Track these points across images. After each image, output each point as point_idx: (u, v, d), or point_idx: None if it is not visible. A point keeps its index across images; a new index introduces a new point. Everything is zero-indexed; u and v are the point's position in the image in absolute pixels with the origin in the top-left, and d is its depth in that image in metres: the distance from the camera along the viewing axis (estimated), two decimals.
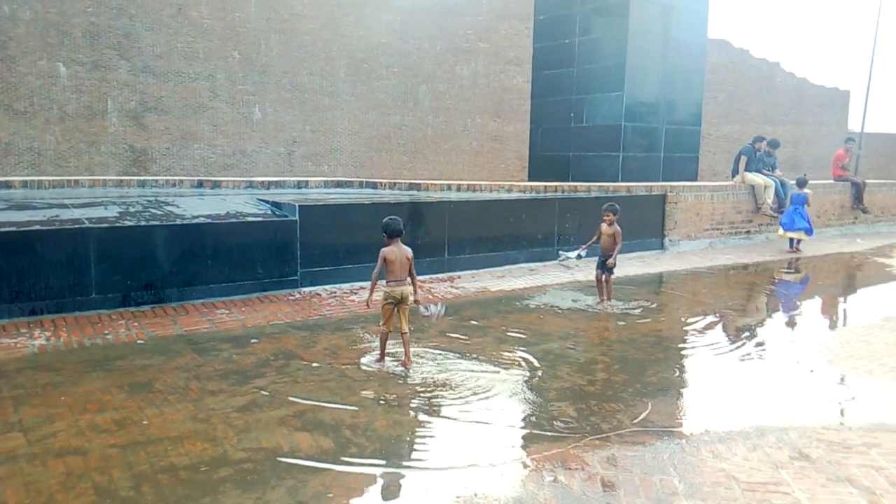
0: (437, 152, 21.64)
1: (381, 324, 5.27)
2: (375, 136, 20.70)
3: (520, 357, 5.52)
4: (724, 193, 11.89)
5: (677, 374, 5.31)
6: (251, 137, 18.92)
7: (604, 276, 7.49)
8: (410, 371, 5.08)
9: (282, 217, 7.36)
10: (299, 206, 7.34)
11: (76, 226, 6.18)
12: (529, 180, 15.34)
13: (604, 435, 4.01)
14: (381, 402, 4.46)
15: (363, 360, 5.36)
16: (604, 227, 7.44)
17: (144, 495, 3.21)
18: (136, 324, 6.08)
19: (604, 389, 4.84)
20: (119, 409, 4.22)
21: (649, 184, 11.38)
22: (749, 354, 5.95)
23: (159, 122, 17.67)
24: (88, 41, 16.76)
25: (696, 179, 14.43)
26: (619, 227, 7.36)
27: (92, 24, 16.65)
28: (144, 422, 4.05)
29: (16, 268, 5.85)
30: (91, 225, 6.26)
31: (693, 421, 4.35)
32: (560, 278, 8.80)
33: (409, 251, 5.25)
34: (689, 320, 7.06)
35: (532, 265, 9.34)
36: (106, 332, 5.84)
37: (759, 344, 6.30)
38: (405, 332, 5.21)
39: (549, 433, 4.06)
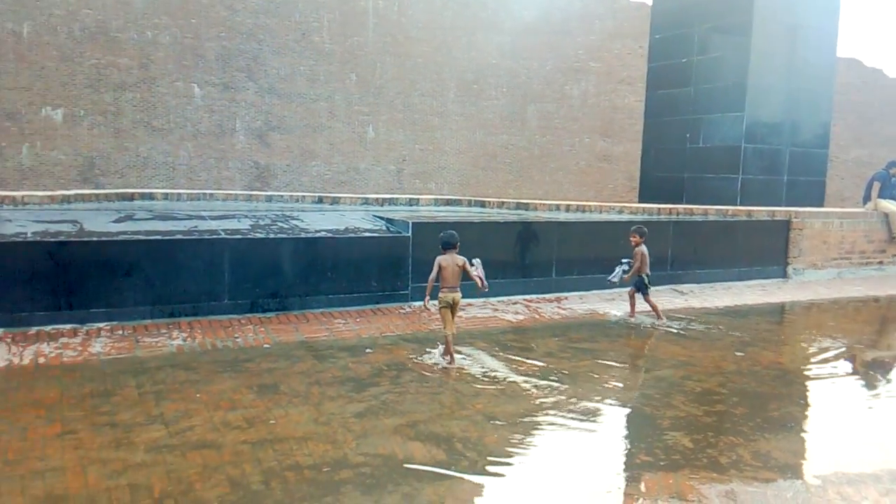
0: (543, 172, 21.59)
1: (444, 328, 5.76)
2: (482, 156, 20.95)
3: (631, 383, 5.43)
4: (855, 221, 11.18)
5: (801, 409, 5.06)
6: (364, 156, 19.63)
7: (635, 293, 7.70)
8: (510, 383, 5.12)
9: (395, 233, 7.62)
10: (412, 222, 7.58)
11: (213, 236, 6.67)
12: (640, 202, 15.03)
13: (722, 468, 3.89)
14: (491, 418, 4.53)
15: (437, 358, 5.79)
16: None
17: (273, 490, 3.43)
18: (262, 329, 6.47)
19: (721, 422, 4.69)
20: (248, 408, 4.52)
21: (772, 208, 10.88)
22: (880, 393, 5.58)
23: (282, 140, 18.69)
24: (220, 64, 18.00)
25: (822, 205, 13.65)
26: (644, 249, 7.51)
27: (224, 48, 17.88)
28: (272, 421, 4.31)
29: (159, 273, 6.39)
30: (226, 236, 6.73)
31: (819, 460, 4.14)
32: (673, 303, 8.57)
33: (461, 259, 5.86)
34: (814, 354, 6.70)
35: None
36: (236, 335, 6.25)
37: (892, 382, 5.88)
38: (452, 334, 5.75)
39: (664, 463, 3.98)
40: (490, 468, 3.79)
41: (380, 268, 7.40)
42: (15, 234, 6.10)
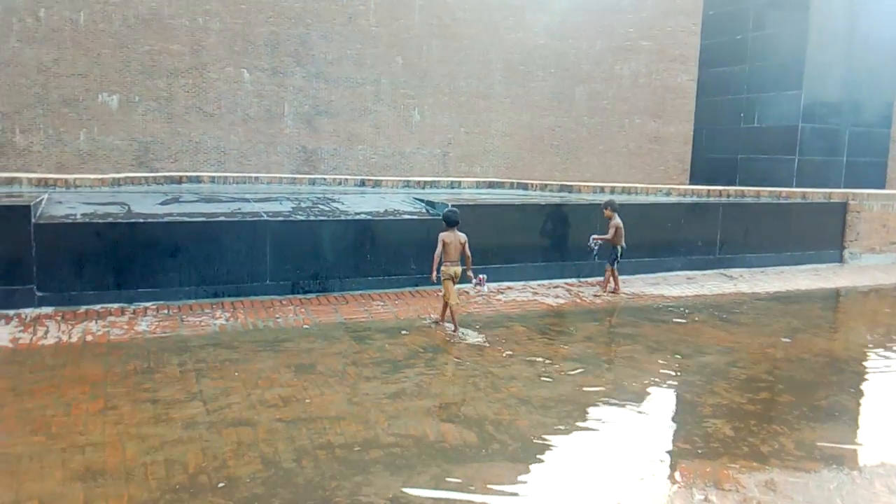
0: (592, 154, 21.20)
1: (447, 298, 6.16)
2: (528, 138, 20.69)
3: (673, 368, 5.30)
4: None
5: (850, 398, 4.86)
6: (410, 139, 19.61)
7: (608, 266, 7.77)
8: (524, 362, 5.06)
9: (434, 215, 7.59)
10: (451, 205, 7.52)
11: (255, 218, 6.76)
12: (691, 183, 14.64)
13: (763, 457, 3.76)
14: (525, 402, 4.48)
15: (444, 324, 6.23)
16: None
17: (304, 468, 3.47)
18: (302, 310, 6.55)
19: (765, 409, 4.54)
20: (285, 387, 4.58)
21: (828, 190, 10.45)
22: None
23: (329, 124, 18.81)
24: (269, 49, 18.17)
25: (883, 186, 13.05)
26: (619, 222, 7.64)
27: (272, 34, 18.04)
28: (307, 400, 4.36)
29: (203, 254, 6.51)
30: (268, 218, 6.82)
31: (866, 450, 3.97)
32: (721, 288, 8.33)
33: (462, 236, 6.22)
34: (868, 342, 6.42)
35: (690, 273, 8.92)
36: (277, 315, 6.34)
37: None
38: (455, 304, 6.17)
39: (702, 451, 3.88)
40: (521, 452, 3.75)
41: (418, 250, 7.37)
42: (65, 215, 6.29)
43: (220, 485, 3.29)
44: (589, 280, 8.18)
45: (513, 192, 10.85)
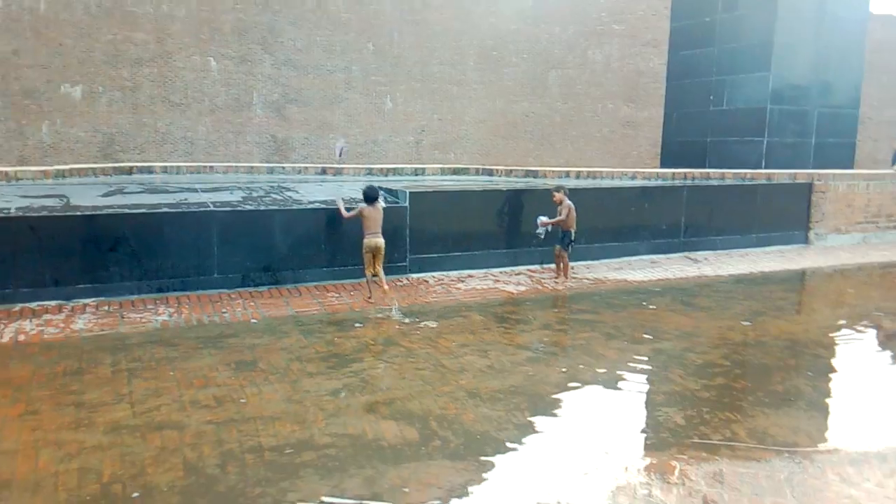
0: (565, 139, 21.09)
1: (365, 269, 6.51)
2: (502, 124, 20.50)
3: (628, 356, 5.16)
4: (882, 183, 10.62)
5: (808, 383, 4.74)
6: (382, 127, 19.33)
7: (560, 250, 7.54)
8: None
9: (392, 203, 7.38)
10: (410, 192, 7.33)
11: (201, 209, 6.51)
12: (662, 167, 14.55)
13: (712, 446, 3.62)
14: (474, 395, 4.30)
15: (394, 313, 6.23)
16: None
17: (228, 474, 3.26)
18: (252, 303, 6.32)
19: (720, 396, 4.40)
20: (222, 387, 4.36)
21: (793, 171, 10.38)
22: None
23: (299, 112, 18.46)
24: (236, 37, 17.76)
25: (852, 167, 13.04)
26: (570, 204, 7.40)
27: (239, 21, 17.62)
28: (242, 400, 4.15)
29: (145, 248, 6.25)
30: (215, 208, 6.57)
31: (821, 437, 3.85)
32: (685, 271, 8.22)
33: (381, 205, 6.61)
34: (829, 324, 6.34)
35: (654, 257, 8.81)
36: (224, 310, 6.11)
37: None
38: (379, 273, 6.50)
39: (651, 441, 3.73)
40: (462, 449, 3.58)
41: None
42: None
43: (135, 494, 3.07)
44: (552, 266, 8.02)
45: (478, 179, 10.66)
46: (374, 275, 6.51)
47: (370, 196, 6.55)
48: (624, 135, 21.59)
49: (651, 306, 6.69)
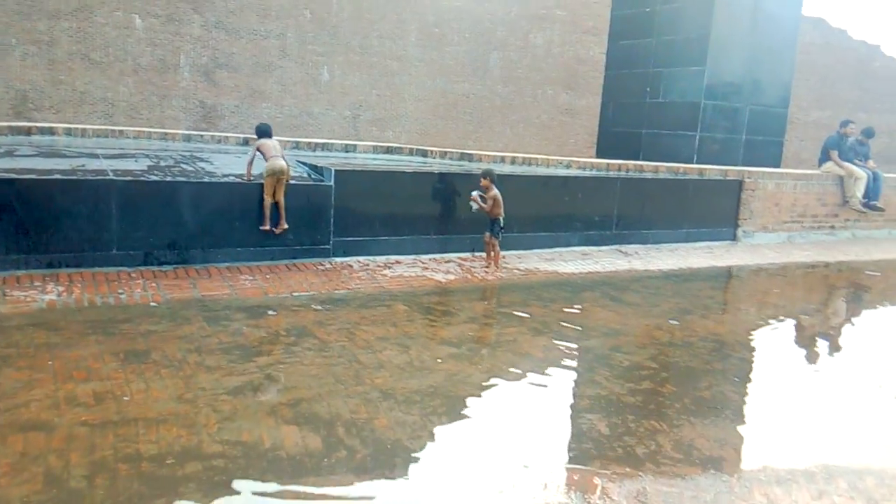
0: (504, 123, 20.87)
1: (266, 195, 6.41)
2: (442, 104, 20.10)
3: (554, 354, 4.94)
4: (808, 183, 10.81)
5: (735, 389, 4.62)
6: (318, 99, 18.60)
7: (490, 238, 7.33)
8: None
9: (317, 181, 6.94)
10: (335, 170, 6.89)
11: (98, 177, 5.90)
12: (597, 157, 14.49)
13: (637, 461, 3.41)
14: (389, 395, 3.98)
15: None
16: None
17: (94, 489, 2.83)
18: (153, 284, 5.79)
19: (646, 402, 4.22)
20: (104, 381, 3.89)
21: (724, 167, 10.42)
22: (822, 372, 5.20)
23: (229, 78, 17.52)
24: None
25: (779, 166, 13.27)
26: (497, 192, 7.15)
27: None
28: (125, 398, 3.69)
29: (34, 217, 5.62)
30: (115, 177, 5.97)
31: (748, 452, 3.69)
32: (616, 265, 8.10)
33: (277, 143, 6.65)
34: (755, 324, 6.30)
35: (586, 248, 8.65)
36: (121, 291, 5.56)
37: (836, 359, 5.52)
38: (280, 201, 6.48)
39: (573, 453, 3.50)
40: (369, 460, 3.24)
41: (297, 219, 6.72)
42: None
43: None
44: (483, 255, 7.75)
45: (412, 160, 10.27)
46: (276, 203, 6.46)
47: (262, 132, 6.70)
48: (562, 122, 21.55)
49: (579, 301, 6.51)
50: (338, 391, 4.00)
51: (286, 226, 6.56)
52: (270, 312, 5.41)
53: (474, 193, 7.14)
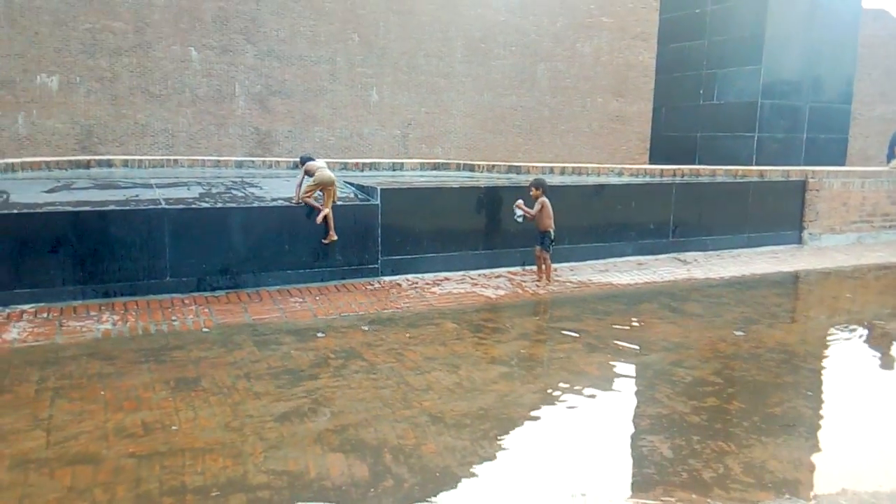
0: (554, 134, 20.64)
1: (324, 206, 6.57)
2: (490, 118, 20.03)
3: (611, 371, 4.72)
4: (878, 181, 10.23)
5: (808, 405, 4.31)
6: (368, 120, 18.79)
7: (540, 251, 7.11)
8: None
9: (363, 201, 6.90)
10: (381, 189, 6.85)
11: (151, 206, 6.00)
12: (651, 163, 14.13)
13: (704, 486, 3.18)
14: (438, 419, 3.85)
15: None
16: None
17: None
18: (206, 310, 5.83)
19: (711, 421, 3.97)
20: (154, 410, 3.88)
21: (786, 168, 9.96)
22: None
23: (282, 105, 17.88)
24: (218, 26, 17.15)
25: (843, 164, 12.66)
26: (546, 201, 6.96)
27: (221, 10, 17.01)
28: (174, 427, 3.67)
29: (89, 249, 5.74)
30: (167, 206, 6.06)
31: (826, 474, 3.41)
32: (674, 274, 7.79)
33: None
34: (828, 333, 5.93)
35: (641, 258, 8.37)
36: (174, 318, 5.61)
37: None
38: (329, 213, 6.55)
39: (634, 479, 3.29)
40: (416, 490, 3.12)
41: (346, 239, 6.70)
42: None
43: None
44: (534, 268, 7.56)
45: (459, 175, 10.18)
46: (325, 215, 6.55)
47: (308, 158, 6.98)
48: (613, 129, 21.18)
49: (636, 313, 6.25)
50: (385, 415, 3.89)
51: (335, 237, 6.58)
52: (319, 335, 5.37)
53: (519, 202, 6.99)
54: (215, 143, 17.40)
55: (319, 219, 6.50)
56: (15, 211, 5.58)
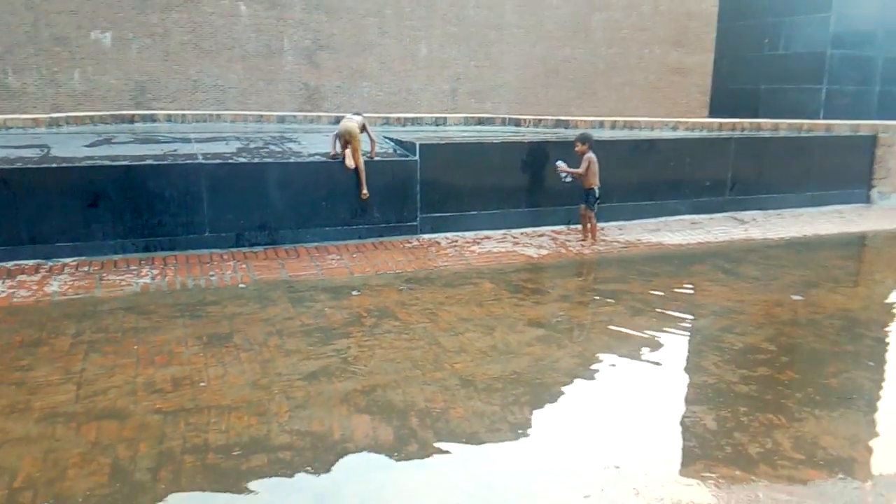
0: (609, 87, 19.87)
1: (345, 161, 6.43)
2: (542, 71, 19.39)
3: (655, 337, 4.49)
4: None
5: (869, 376, 4.01)
6: (416, 75, 18.43)
7: (585, 210, 6.84)
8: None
9: (402, 156, 6.72)
10: (420, 144, 6.65)
11: (188, 161, 5.95)
12: (712, 117, 13.50)
13: (750, 463, 2.97)
14: (468, 382, 3.71)
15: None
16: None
17: (157, 482, 2.75)
18: (244, 266, 5.80)
19: (761, 392, 3.72)
20: (184, 366, 3.86)
21: (855, 122, 9.32)
22: None
23: (331, 59, 17.68)
24: None
25: None
26: (593, 156, 6.65)
27: None
28: (202, 384, 3.64)
29: (130, 203, 5.75)
30: (204, 161, 6.01)
31: (884, 453, 3.15)
32: (730, 234, 7.41)
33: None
34: (894, 299, 5.53)
35: (696, 217, 7.99)
36: (212, 273, 5.60)
37: None
38: (359, 167, 6.36)
39: (673, 453, 3.09)
40: (440, 456, 3.00)
41: (384, 196, 6.56)
42: None
43: None
44: (579, 227, 7.29)
45: (503, 129, 9.88)
46: (356, 169, 6.36)
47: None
48: (671, 82, 20.25)
49: (687, 275, 5.96)
50: (415, 377, 3.78)
51: (367, 193, 6.41)
52: (354, 293, 5.27)
53: (559, 163, 6.71)
54: (265, 99, 17.39)
55: (348, 166, 6.38)
56: (54, 165, 5.61)
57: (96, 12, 15.61)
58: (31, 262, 5.53)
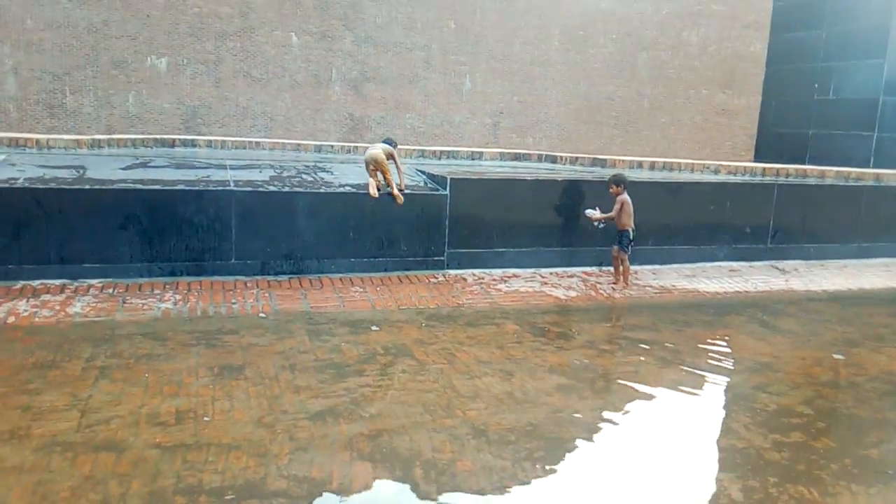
0: (653, 126, 19.65)
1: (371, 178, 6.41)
2: (585, 108, 19.30)
3: (683, 392, 4.26)
4: None
5: None
6: (459, 108, 18.54)
7: (618, 252, 6.63)
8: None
9: (432, 190, 6.64)
10: (451, 178, 6.56)
11: (219, 187, 5.97)
12: (756, 161, 13.18)
13: None
14: (480, 432, 3.54)
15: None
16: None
17: None
18: (266, 294, 5.75)
19: (794, 460, 3.46)
20: (191, 397, 3.78)
21: None
22: None
23: (376, 91, 17.92)
24: (318, 12, 17.34)
25: None
26: (627, 198, 6.45)
27: None
28: (206, 418, 3.55)
29: (157, 227, 5.77)
30: (234, 188, 6.02)
31: None
32: (770, 284, 7.11)
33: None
34: None
35: (735, 264, 7.70)
36: (234, 301, 5.56)
37: None
38: (389, 180, 6.36)
39: None
40: None
41: (411, 229, 6.48)
42: (6, 179, 5.65)
43: None
44: (610, 269, 7.08)
45: (538, 166, 9.75)
46: (388, 186, 6.36)
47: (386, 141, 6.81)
48: (717, 123, 19.92)
49: (722, 326, 5.70)
50: (424, 423, 3.63)
51: (400, 196, 6.35)
52: (373, 328, 5.16)
53: (588, 212, 6.55)
54: (311, 128, 17.66)
55: (371, 195, 6.29)
56: (87, 186, 5.68)
57: (154, 38, 16.13)
58: (57, 282, 5.57)
